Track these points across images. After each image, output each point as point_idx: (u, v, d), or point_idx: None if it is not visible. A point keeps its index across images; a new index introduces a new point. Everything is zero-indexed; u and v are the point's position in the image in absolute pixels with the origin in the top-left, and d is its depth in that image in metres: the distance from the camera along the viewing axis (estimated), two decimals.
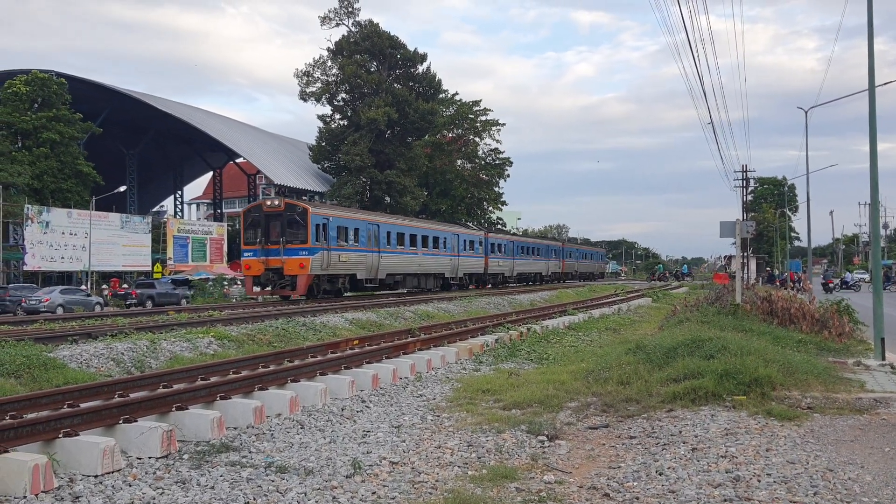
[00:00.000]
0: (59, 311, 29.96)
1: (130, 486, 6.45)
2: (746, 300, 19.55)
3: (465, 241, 44.31)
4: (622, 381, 11.09)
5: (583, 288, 53.56)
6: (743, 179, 54.24)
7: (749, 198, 58.92)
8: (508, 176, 76.65)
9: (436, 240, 40.36)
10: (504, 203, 77.77)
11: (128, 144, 67.40)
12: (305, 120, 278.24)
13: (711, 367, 10.58)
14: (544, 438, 8.36)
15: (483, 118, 73.77)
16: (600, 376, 11.64)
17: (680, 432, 8.40)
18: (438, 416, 9.77)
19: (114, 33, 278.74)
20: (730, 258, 66.02)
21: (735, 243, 22.54)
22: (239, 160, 71.82)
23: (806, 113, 42.82)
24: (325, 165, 64.51)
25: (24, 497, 6.01)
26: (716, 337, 12.56)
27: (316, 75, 62.56)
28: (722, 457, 7.33)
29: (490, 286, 48.40)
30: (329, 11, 63.70)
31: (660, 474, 6.87)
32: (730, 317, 17.76)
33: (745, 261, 44.15)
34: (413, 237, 37.70)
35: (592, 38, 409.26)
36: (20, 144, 45.91)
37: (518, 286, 51.63)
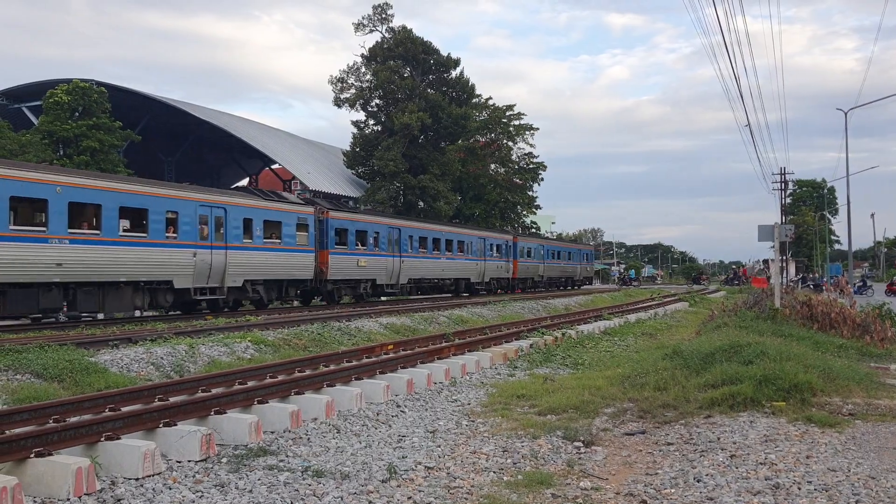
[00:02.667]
0: None
1: (171, 489, 6.55)
2: (785, 304, 19.26)
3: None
4: (659, 386, 10.99)
5: (618, 293, 53.11)
6: (781, 182, 53.46)
7: (788, 201, 58.03)
8: (542, 180, 76.37)
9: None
10: (538, 207, 77.48)
11: (166, 151, 68.47)
12: (339, 125, 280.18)
13: (750, 372, 10.44)
14: (580, 444, 8.32)
15: (516, 122, 73.63)
16: (637, 382, 11.55)
17: (718, 439, 8.30)
18: (473, 421, 9.77)
19: (152, 42, 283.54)
20: (767, 262, 65.05)
21: (774, 247, 22.23)
22: (274, 166, 72.48)
23: (846, 114, 42.14)
24: (360, 171, 64.83)
25: (68, 499, 6.13)
26: (754, 342, 12.40)
27: (350, 81, 62.94)
28: (761, 464, 7.23)
29: (521, 290, 47.94)
30: (363, 18, 64.08)
31: (698, 481, 6.80)
32: (768, 321, 17.50)
33: (785, 265, 43.47)
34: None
35: (626, 41, 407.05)
36: (62, 152, 46.85)
37: (552, 291, 51.36)
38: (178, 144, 68.12)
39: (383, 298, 34.50)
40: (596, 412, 10.01)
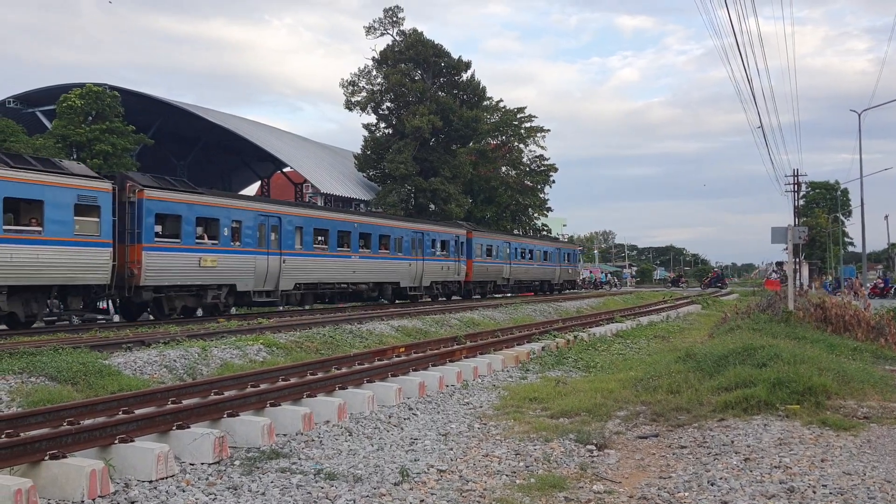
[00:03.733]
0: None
1: (184, 491, 6.56)
2: (799, 307, 19.15)
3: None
4: (672, 389, 10.95)
5: (631, 295, 52.95)
6: (794, 184, 53.21)
7: (801, 203, 57.74)
8: (554, 182, 76.32)
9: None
10: (549, 209, 77.39)
11: (178, 155, 68.79)
12: (350, 128, 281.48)
13: (764, 375, 10.39)
14: (593, 447, 8.30)
15: (527, 125, 73.61)
16: (649, 385, 11.52)
17: (732, 442, 8.26)
18: (485, 424, 9.76)
19: (164, 46, 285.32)
20: (780, 264, 64.72)
21: (787, 249, 22.11)
22: (286, 169, 72.70)
23: (859, 115, 41.83)
24: (371, 174, 64.98)
25: (82, 501, 6.15)
26: (768, 345, 12.34)
27: (361, 84, 63.11)
28: (776, 467, 7.19)
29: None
30: (374, 21, 64.24)
31: (712, 485, 6.76)
32: (782, 324, 17.41)
33: (798, 267, 43.25)
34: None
35: (637, 43, 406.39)
36: (75, 156, 47.11)
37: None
38: (189, 148, 68.43)
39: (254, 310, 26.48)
40: (609, 415, 9.98)
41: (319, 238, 27.96)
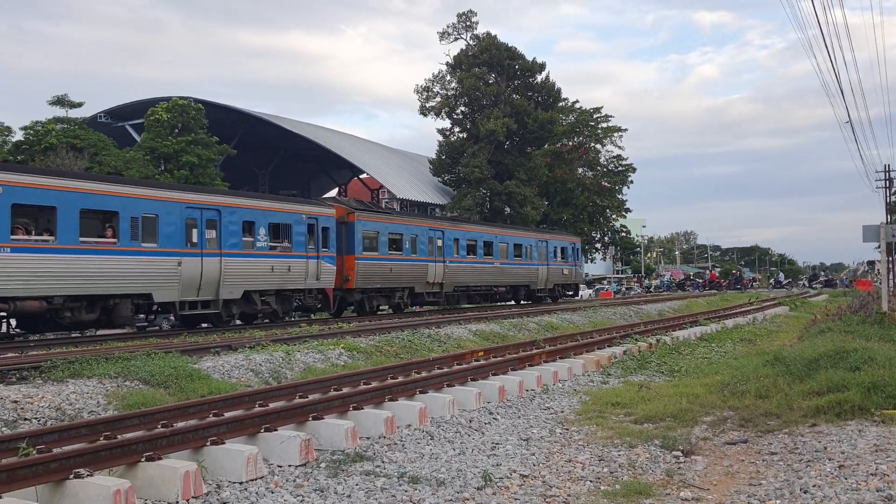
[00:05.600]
0: None
1: (273, 492, 6.72)
2: (894, 308, 18.33)
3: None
4: (760, 394, 10.66)
5: (714, 297, 51.56)
6: (886, 179, 51.00)
7: (893, 199, 55.30)
8: (632, 183, 75.10)
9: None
10: (628, 211, 76.23)
11: (259, 164, 70.67)
12: (424, 133, 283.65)
13: (857, 379, 10.00)
14: (679, 453, 8.14)
15: (604, 125, 72.69)
16: (737, 389, 11.22)
17: (825, 448, 7.98)
18: (567, 429, 9.68)
19: (244, 59, 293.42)
20: (872, 263, 62.07)
21: (879, 248, 21.20)
22: (363, 176, 73.80)
23: None
24: (446, 178, 65.29)
25: (177, 502, 6.36)
26: (861, 347, 11.87)
27: (435, 90, 63.53)
28: (872, 474, 6.91)
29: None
30: (447, 27, 64.63)
31: (804, 492, 6.55)
32: (876, 326, 16.70)
33: (891, 266, 41.44)
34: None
35: (716, 39, 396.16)
36: (163, 168, 48.94)
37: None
38: (270, 157, 70.22)
39: None
40: (695, 421, 9.77)
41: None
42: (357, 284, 26.07)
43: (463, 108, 63.87)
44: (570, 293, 45.06)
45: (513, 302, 39.35)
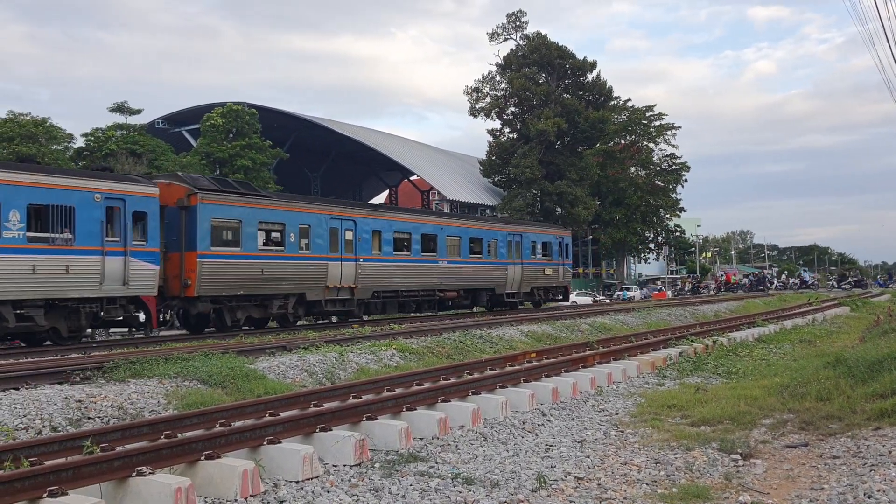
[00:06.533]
0: None
1: (328, 492, 6.79)
2: None
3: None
4: (821, 396, 10.39)
5: (772, 298, 50.45)
6: None
7: None
8: (686, 181, 74.01)
9: None
10: (682, 210, 75.10)
11: (311, 167, 71.60)
12: (474, 135, 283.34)
13: None
14: (738, 457, 7.98)
15: (657, 123, 71.78)
16: (796, 391, 10.96)
17: (890, 452, 7.73)
18: (622, 431, 9.57)
19: (297, 64, 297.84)
20: None
21: None
22: (413, 178, 74.17)
23: None
24: (496, 179, 65.27)
25: (235, 500, 6.46)
26: None
27: (485, 91, 63.59)
28: None
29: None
30: (497, 27, 64.67)
31: (868, 497, 6.35)
32: None
33: None
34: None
35: (772, 34, 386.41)
36: (218, 172, 49.91)
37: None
38: (322, 160, 71.10)
39: None
40: (753, 423, 9.57)
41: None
42: (200, 291, 19.36)
43: (513, 109, 63.78)
44: (559, 297, 37.48)
45: (487, 308, 31.96)
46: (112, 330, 22.19)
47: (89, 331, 19.01)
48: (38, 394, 9.77)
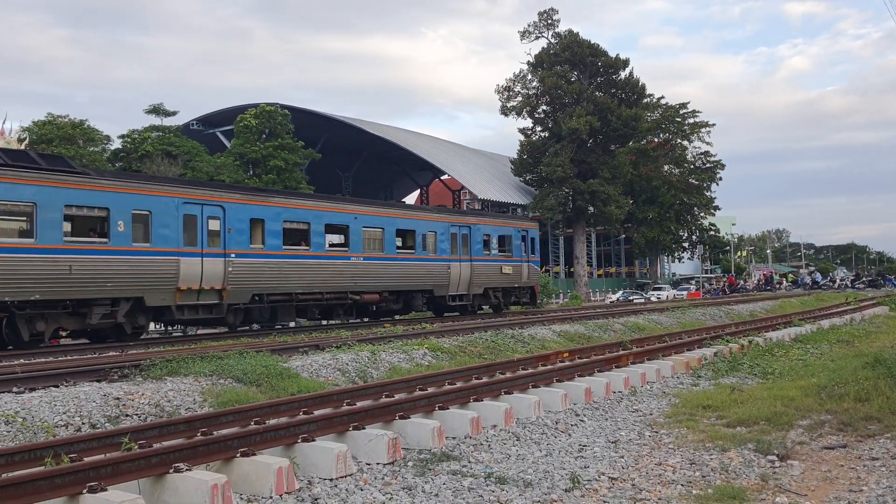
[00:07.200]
0: None
1: (362, 490, 6.83)
2: None
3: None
4: (860, 397, 10.21)
5: (808, 297, 49.62)
6: None
7: None
8: (721, 180, 73.16)
9: None
10: (717, 208, 74.24)
11: (343, 167, 72.01)
12: (504, 133, 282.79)
13: None
14: (774, 458, 7.87)
15: (691, 120, 71.04)
16: (834, 392, 10.78)
17: None
18: (657, 432, 9.49)
19: (328, 65, 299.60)
20: None
21: None
22: (444, 177, 74.23)
23: None
24: (527, 178, 65.01)
25: (270, 497, 6.53)
26: None
27: (516, 89, 63.36)
28: None
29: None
30: (529, 25, 64.39)
31: None
32: None
33: None
34: None
35: (807, 30, 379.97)
36: (251, 172, 50.39)
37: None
38: (353, 160, 71.49)
39: None
40: (790, 424, 9.43)
41: None
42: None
43: (544, 107, 63.50)
44: (526, 301, 31.80)
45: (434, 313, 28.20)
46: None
47: None
48: (77, 391, 9.95)
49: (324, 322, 24.16)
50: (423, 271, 26.18)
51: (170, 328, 20.71)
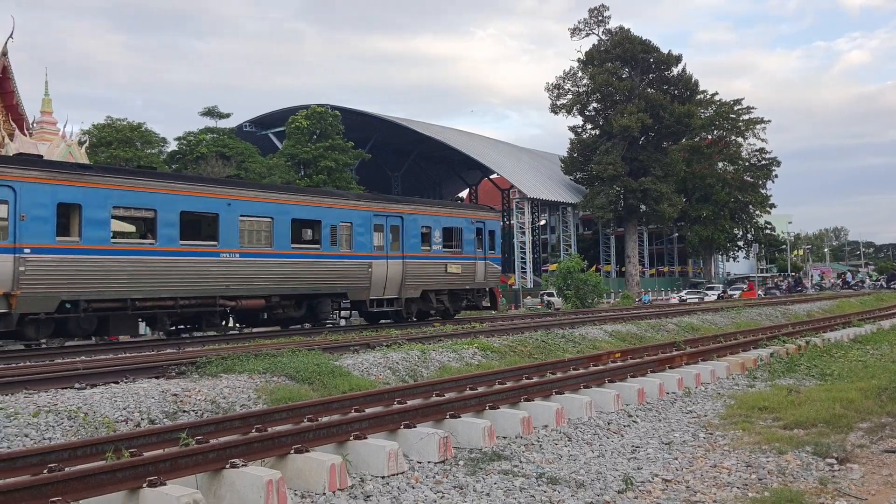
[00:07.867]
0: None
1: (413, 488, 6.86)
2: None
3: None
4: None
5: (868, 297, 48.15)
6: None
7: None
8: (776, 177, 71.60)
9: None
10: (772, 206, 72.66)
11: (393, 167, 72.47)
12: (553, 132, 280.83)
13: None
14: (833, 461, 7.68)
15: (745, 117, 69.65)
16: (895, 394, 10.48)
17: None
18: (711, 433, 9.34)
19: (378, 65, 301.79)
20: None
21: None
22: (493, 176, 74.15)
23: None
24: (578, 176, 64.57)
25: (323, 493, 6.61)
26: None
27: (566, 87, 63.00)
28: None
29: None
30: (579, 22, 63.94)
31: None
32: None
33: None
34: None
35: (866, 23, 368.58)
36: (303, 172, 51.05)
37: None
38: (403, 160, 71.88)
39: None
40: (849, 427, 9.19)
41: None
42: None
43: (595, 105, 63.00)
44: (485, 304, 27.47)
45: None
46: None
47: None
48: (136, 388, 10.20)
49: (186, 335, 19.35)
50: (332, 271, 21.45)
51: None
